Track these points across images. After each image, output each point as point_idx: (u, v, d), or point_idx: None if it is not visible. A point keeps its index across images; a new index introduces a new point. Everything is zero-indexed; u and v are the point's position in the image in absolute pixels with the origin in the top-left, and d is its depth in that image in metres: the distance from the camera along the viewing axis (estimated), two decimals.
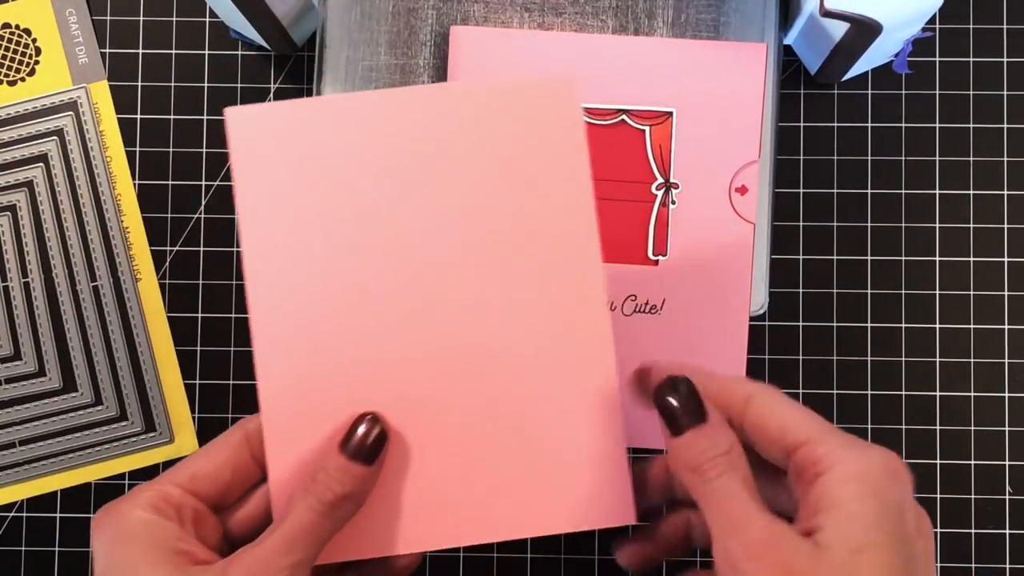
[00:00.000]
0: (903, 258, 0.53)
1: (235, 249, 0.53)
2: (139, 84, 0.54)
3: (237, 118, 0.39)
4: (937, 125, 0.53)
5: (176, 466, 0.38)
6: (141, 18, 0.54)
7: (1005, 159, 0.53)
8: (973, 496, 0.52)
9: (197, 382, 0.53)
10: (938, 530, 0.52)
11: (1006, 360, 0.53)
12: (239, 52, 0.54)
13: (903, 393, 0.53)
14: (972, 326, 0.53)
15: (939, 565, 0.52)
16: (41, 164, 0.54)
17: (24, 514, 0.53)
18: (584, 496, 0.39)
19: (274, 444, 0.39)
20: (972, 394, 0.53)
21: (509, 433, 0.39)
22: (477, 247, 0.39)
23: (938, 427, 0.52)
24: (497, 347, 0.39)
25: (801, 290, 0.53)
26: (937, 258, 0.53)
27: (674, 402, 0.36)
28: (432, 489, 0.39)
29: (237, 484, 0.39)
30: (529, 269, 0.39)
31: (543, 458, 0.39)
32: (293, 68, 0.54)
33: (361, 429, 0.38)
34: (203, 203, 0.54)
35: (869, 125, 0.53)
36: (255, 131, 0.39)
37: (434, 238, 0.39)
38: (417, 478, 0.39)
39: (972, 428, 0.52)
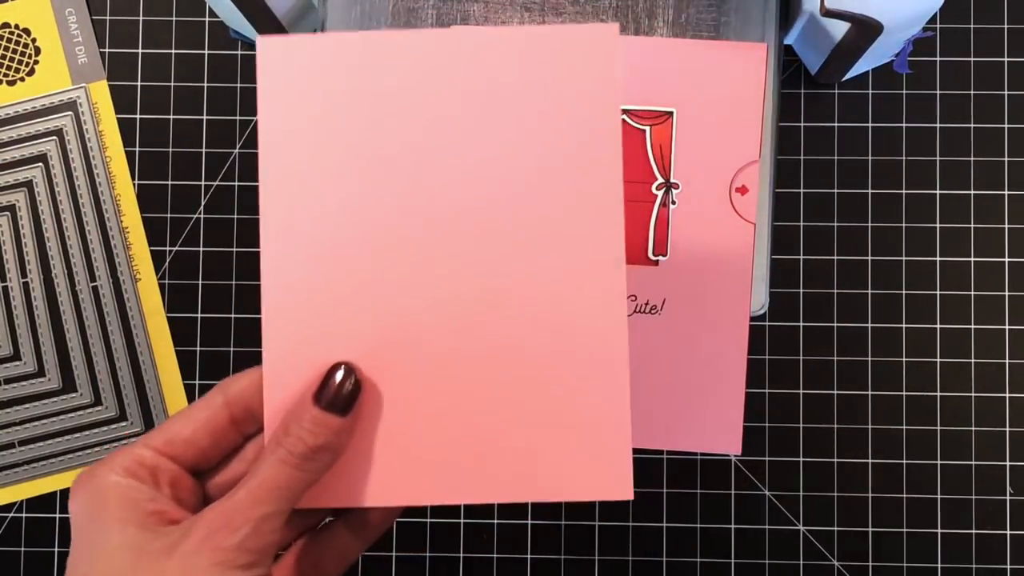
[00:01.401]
0: (903, 258, 0.53)
1: (234, 249, 0.53)
2: (138, 84, 0.54)
3: (268, 48, 0.38)
4: (938, 125, 0.53)
5: (154, 429, 0.38)
6: (141, 18, 0.54)
7: (1006, 159, 0.53)
8: (974, 497, 0.52)
9: (197, 382, 0.53)
10: (939, 530, 0.52)
11: (1007, 360, 0.53)
12: (239, 52, 0.54)
13: (904, 394, 0.53)
14: (973, 326, 0.53)
15: (939, 565, 0.52)
16: (40, 164, 0.54)
17: (24, 514, 0.53)
18: (580, 465, 0.38)
19: (272, 395, 0.38)
20: (973, 394, 0.53)
21: (508, 393, 0.38)
22: (496, 200, 0.38)
23: (939, 428, 0.52)
24: (503, 302, 0.38)
25: (801, 290, 0.53)
26: (938, 258, 0.53)
27: None
28: (420, 444, 0.39)
29: (216, 448, 0.39)
30: (547, 227, 0.38)
31: (540, 422, 0.38)
32: None
33: (335, 379, 0.37)
34: (203, 203, 0.54)
35: (869, 125, 0.53)
36: (285, 62, 0.38)
37: (453, 187, 0.38)
38: (405, 431, 0.39)
39: (973, 428, 0.52)
